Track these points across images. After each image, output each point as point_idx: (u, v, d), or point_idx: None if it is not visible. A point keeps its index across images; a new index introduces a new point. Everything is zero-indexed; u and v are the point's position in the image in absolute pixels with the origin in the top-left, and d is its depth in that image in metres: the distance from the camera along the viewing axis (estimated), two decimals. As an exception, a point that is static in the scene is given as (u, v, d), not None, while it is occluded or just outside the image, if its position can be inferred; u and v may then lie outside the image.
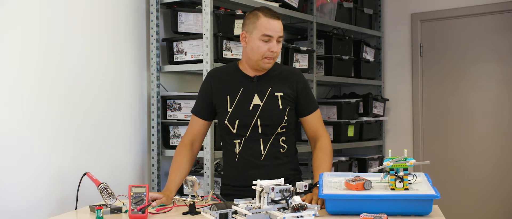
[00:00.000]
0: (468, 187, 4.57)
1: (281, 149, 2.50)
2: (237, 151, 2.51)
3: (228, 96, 2.51)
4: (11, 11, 2.66)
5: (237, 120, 2.48)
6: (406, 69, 4.84)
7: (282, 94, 2.49)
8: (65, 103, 2.88)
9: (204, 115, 2.59)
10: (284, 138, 2.50)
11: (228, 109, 2.50)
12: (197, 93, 2.67)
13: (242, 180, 2.48)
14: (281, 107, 2.48)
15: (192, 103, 3.17)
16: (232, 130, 2.50)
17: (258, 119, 2.46)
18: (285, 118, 2.48)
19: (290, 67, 2.69)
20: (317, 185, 2.32)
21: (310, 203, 2.22)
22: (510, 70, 4.42)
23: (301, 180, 2.56)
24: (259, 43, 2.43)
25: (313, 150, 2.56)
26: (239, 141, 2.50)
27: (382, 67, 4.93)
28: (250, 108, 2.47)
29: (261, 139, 2.48)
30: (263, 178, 1.99)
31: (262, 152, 2.48)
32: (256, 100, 2.48)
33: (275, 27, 2.44)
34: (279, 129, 2.48)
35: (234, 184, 2.54)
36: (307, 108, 2.56)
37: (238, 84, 2.51)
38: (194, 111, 2.61)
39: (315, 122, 2.56)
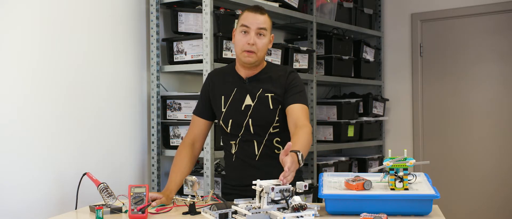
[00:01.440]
0: (468, 187, 4.57)
1: (276, 150, 2.49)
2: (233, 151, 2.52)
3: (223, 96, 2.52)
4: (11, 11, 2.66)
5: (230, 120, 2.49)
6: (406, 69, 4.84)
7: (272, 94, 2.47)
8: (64, 103, 2.88)
9: (204, 115, 2.59)
10: (278, 139, 2.49)
11: (222, 109, 2.51)
12: (197, 93, 2.67)
13: (240, 180, 2.50)
14: (271, 107, 2.46)
15: (192, 103, 3.18)
16: (226, 130, 2.51)
17: (250, 119, 2.46)
18: (276, 118, 2.46)
19: (284, 66, 2.65)
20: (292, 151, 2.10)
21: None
22: (510, 70, 4.42)
23: (301, 180, 2.56)
24: (239, 36, 2.43)
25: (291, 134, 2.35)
26: (234, 142, 2.51)
27: (382, 67, 4.93)
28: (242, 108, 2.47)
29: (254, 141, 2.48)
30: (260, 178, 1.98)
31: (256, 153, 2.48)
32: (248, 101, 2.48)
33: (255, 19, 2.40)
34: (271, 129, 2.47)
35: (233, 183, 2.55)
36: (291, 98, 2.43)
37: (232, 85, 2.52)
38: (195, 111, 2.62)
39: (298, 112, 2.38)
